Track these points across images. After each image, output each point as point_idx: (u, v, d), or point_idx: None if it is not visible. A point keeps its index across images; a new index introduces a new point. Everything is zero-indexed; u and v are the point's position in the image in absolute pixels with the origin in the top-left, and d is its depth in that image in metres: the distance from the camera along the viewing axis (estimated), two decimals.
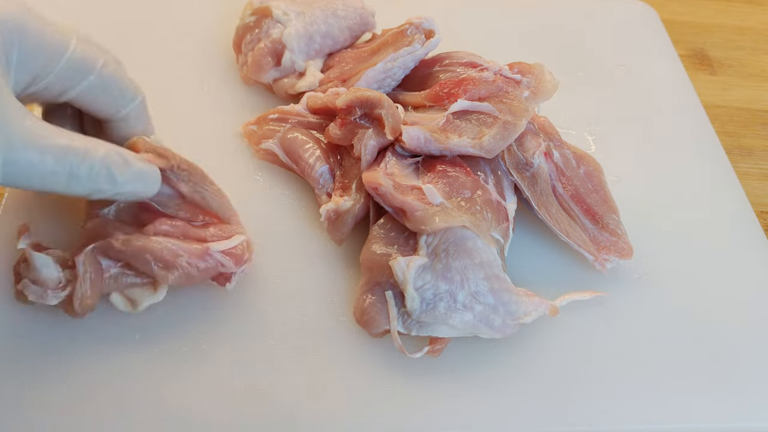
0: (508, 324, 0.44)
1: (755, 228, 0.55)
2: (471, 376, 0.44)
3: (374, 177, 0.47)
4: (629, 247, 0.50)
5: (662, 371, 0.46)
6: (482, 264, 0.44)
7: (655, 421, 0.44)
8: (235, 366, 0.43)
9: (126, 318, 0.44)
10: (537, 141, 0.52)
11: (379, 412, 0.42)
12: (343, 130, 0.51)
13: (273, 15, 0.58)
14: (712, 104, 0.70)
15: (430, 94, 0.52)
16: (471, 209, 0.46)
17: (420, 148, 0.49)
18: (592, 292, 0.49)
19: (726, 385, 0.46)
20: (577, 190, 0.52)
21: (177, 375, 0.43)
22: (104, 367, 0.43)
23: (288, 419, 0.42)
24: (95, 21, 0.63)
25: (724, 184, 0.58)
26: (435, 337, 0.44)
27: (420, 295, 0.43)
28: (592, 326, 0.48)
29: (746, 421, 0.44)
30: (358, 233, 0.49)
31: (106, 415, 0.41)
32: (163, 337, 0.44)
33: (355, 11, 0.60)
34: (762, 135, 0.68)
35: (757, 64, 0.76)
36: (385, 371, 0.44)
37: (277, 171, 0.54)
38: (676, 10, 0.81)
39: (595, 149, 0.60)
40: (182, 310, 0.45)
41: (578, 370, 0.45)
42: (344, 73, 0.56)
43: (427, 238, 0.44)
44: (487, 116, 0.50)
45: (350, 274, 0.49)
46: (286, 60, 0.57)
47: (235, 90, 0.60)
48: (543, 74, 0.52)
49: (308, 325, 0.46)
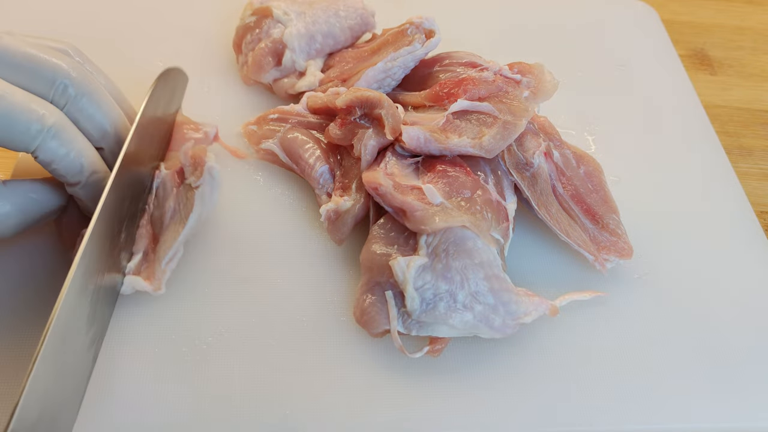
0: (508, 324, 0.44)
1: (755, 228, 0.55)
2: (471, 376, 0.44)
3: (374, 177, 0.47)
4: (629, 247, 0.50)
5: (662, 371, 0.46)
6: (482, 264, 0.44)
7: (655, 421, 0.44)
8: (235, 366, 0.43)
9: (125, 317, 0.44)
10: (537, 141, 0.52)
11: (379, 412, 0.42)
12: (343, 130, 0.51)
13: (273, 15, 0.58)
14: (712, 104, 0.70)
15: (430, 94, 0.52)
16: (471, 209, 0.46)
17: (420, 148, 0.49)
18: (592, 292, 0.49)
19: (726, 385, 0.46)
20: (577, 190, 0.52)
21: (177, 375, 0.43)
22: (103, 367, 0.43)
23: (288, 419, 0.42)
24: (95, 22, 0.64)
25: (724, 184, 0.58)
26: (435, 337, 0.44)
27: (420, 295, 0.43)
28: (592, 326, 0.48)
29: (746, 421, 0.44)
30: (358, 233, 0.49)
31: (106, 415, 0.41)
32: (163, 337, 0.44)
33: (356, 11, 0.60)
34: (762, 135, 0.68)
35: (757, 64, 0.76)
36: (385, 371, 0.44)
37: (277, 171, 0.54)
38: (676, 10, 0.81)
39: (595, 149, 0.60)
40: (182, 309, 0.46)
41: (578, 370, 0.45)
42: (344, 73, 0.56)
43: (427, 238, 0.44)
44: (487, 116, 0.50)
45: (350, 274, 0.49)
46: (287, 60, 0.57)
47: (235, 90, 0.60)
48: (543, 74, 0.52)
49: (308, 325, 0.46)
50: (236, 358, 0.44)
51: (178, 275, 0.47)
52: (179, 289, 0.46)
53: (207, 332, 0.45)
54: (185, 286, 0.47)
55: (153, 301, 0.46)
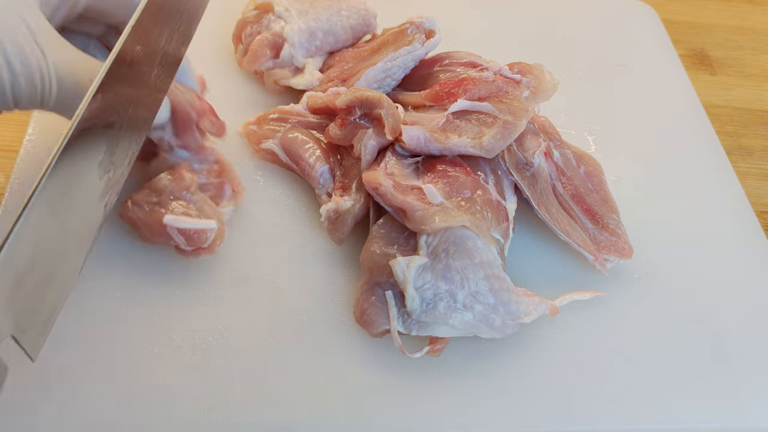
0: (508, 324, 0.44)
1: (755, 228, 0.55)
2: (471, 376, 0.44)
3: (374, 177, 0.47)
4: (629, 247, 0.50)
5: (662, 371, 0.46)
6: (482, 264, 0.44)
7: (655, 421, 0.44)
8: (234, 366, 0.43)
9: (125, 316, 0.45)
10: (537, 141, 0.52)
11: (379, 412, 0.42)
12: (343, 130, 0.51)
13: (275, 10, 0.58)
14: (712, 104, 0.70)
15: (430, 94, 0.52)
16: (471, 209, 0.46)
17: (420, 148, 0.49)
18: (592, 292, 0.49)
19: (726, 385, 0.46)
20: (577, 190, 0.52)
21: (177, 375, 0.43)
22: (103, 366, 0.43)
23: (288, 419, 0.42)
24: None
25: (724, 184, 0.58)
26: (435, 337, 0.44)
27: (420, 295, 0.43)
28: (592, 326, 0.48)
29: (746, 421, 0.44)
30: (358, 233, 0.49)
31: (106, 416, 0.41)
32: (163, 337, 0.44)
33: (358, 12, 0.60)
34: (762, 135, 0.68)
35: (757, 64, 0.76)
36: (385, 371, 0.44)
37: (277, 171, 0.54)
38: (676, 10, 0.81)
39: (595, 149, 0.60)
40: (181, 310, 0.46)
41: (578, 370, 0.45)
42: (344, 72, 0.56)
43: (427, 238, 0.44)
44: (487, 116, 0.50)
45: (350, 274, 0.49)
46: (285, 54, 0.57)
47: (236, 90, 0.60)
48: (543, 74, 0.52)
49: (308, 325, 0.46)
50: (236, 358, 0.44)
51: (179, 275, 0.47)
52: (179, 288, 0.46)
53: (207, 332, 0.45)
54: (185, 286, 0.47)
55: (153, 301, 0.46)
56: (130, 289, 0.46)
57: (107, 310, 0.45)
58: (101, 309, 0.45)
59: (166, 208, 0.46)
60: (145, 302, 0.45)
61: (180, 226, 0.44)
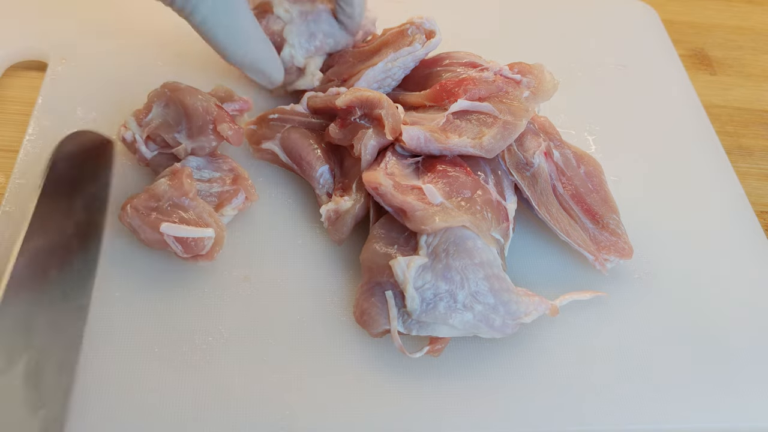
0: (508, 324, 0.44)
1: (755, 228, 0.55)
2: (471, 376, 0.44)
3: (374, 177, 0.47)
4: (629, 247, 0.50)
5: (662, 371, 0.46)
6: (482, 264, 0.44)
7: (655, 421, 0.44)
8: (235, 366, 0.43)
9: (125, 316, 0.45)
10: (537, 141, 0.52)
11: (379, 412, 0.42)
12: (343, 130, 0.51)
13: (274, 11, 0.58)
14: (712, 104, 0.70)
15: (430, 94, 0.52)
16: (471, 209, 0.46)
17: (420, 148, 0.49)
18: (592, 292, 0.49)
19: (726, 385, 0.46)
20: (577, 190, 0.52)
21: (177, 375, 0.43)
22: (103, 366, 0.43)
23: (288, 419, 0.42)
24: (94, 23, 0.63)
25: (724, 184, 0.58)
26: (435, 337, 0.44)
27: (420, 295, 0.43)
28: (592, 326, 0.48)
29: (746, 421, 0.44)
30: (358, 233, 0.49)
31: (106, 415, 0.41)
32: (163, 336, 0.44)
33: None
34: (762, 135, 0.68)
35: (757, 64, 0.76)
36: (385, 371, 0.44)
37: (277, 171, 0.54)
38: (676, 10, 0.81)
39: (595, 149, 0.60)
40: (181, 310, 0.46)
41: (578, 370, 0.45)
42: (344, 73, 0.56)
43: (427, 238, 0.44)
44: (487, 116, 0.50)
45: (350, 274, 0.49)
46: (286, 54, 0.57)
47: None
48: (543, 74, 0.52)
49: (308, 325, 0.46)
50: (236, 358, 0.44)
51: (179, 275, 0.47)
52: (179, 288, 0.46)
53: (207, 332, 0.45)
54: (185, 286, 0.47)
55: (153, 301, 0.46)
56: (130, 289, 0.46)
57: (107, 310, 0.45)
58: (101, 309, 0.45)
59: (164, 214, 0.45)
60: (145, 302, 0.45)
61: (177, 234, 0.44)
